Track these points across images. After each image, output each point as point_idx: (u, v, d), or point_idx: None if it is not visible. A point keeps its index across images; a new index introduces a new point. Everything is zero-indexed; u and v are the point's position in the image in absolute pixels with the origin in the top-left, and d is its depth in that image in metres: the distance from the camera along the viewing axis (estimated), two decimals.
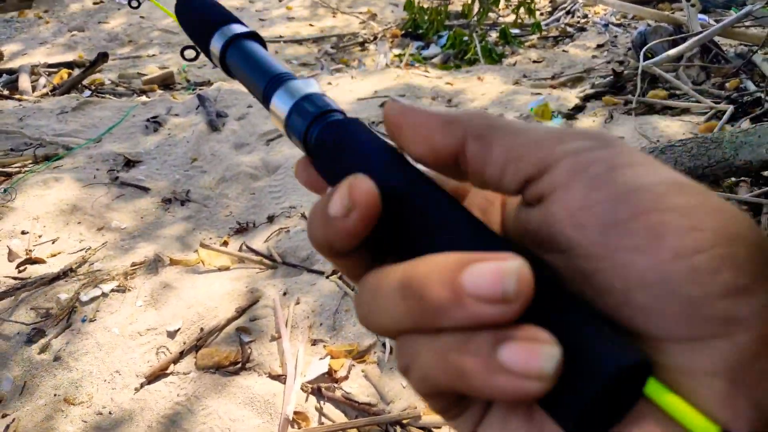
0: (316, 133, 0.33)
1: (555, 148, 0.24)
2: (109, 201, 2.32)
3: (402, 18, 4.94)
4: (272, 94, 0.36)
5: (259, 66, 0.39)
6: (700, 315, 0.20)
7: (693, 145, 1.87)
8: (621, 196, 0.22)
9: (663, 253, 0.20)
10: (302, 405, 1.41)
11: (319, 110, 0.33)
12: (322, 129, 0.32)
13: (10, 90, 3.52)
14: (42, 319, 1.69)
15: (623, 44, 3.81)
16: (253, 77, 0.38)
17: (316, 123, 0.33)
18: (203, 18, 0.42)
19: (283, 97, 0.35)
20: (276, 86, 0.36)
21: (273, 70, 0.38)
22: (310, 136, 0.33)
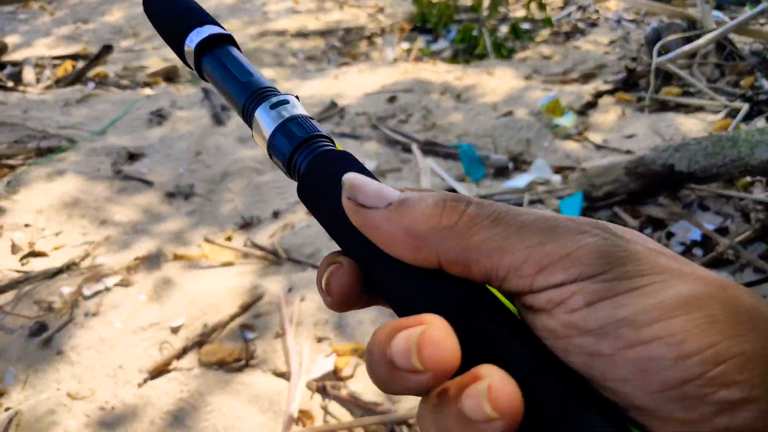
0: (306, 161, 0.32)
1: (537, 278, 0.24)
2: (112, 194, 2.29)
3: (410, 12, 4.90)
4: (255, 109, 0.35)
5: (240, 75, 0.37)
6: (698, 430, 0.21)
7: (708, 143, 1.83)
8: (605, 329, 0.22)
9: (651, 386, 0.21)
10: (307, 403, 1.38)
11: (307, 134, 0.33)
12: (313, 158, 0.32)
13: (15, 82, 3.50)
14: (45, 313, 1.67)
15: (636, 40, 3.76)
16: (232, 87, 0.36)
17: (303, 148, 0.32)
18: (176, 16, 0.40)
19: (268, 114, 0.34)
20: (259, 101, 0.35)
21: (256, 83, 0.36)
22: (295, 162, 0.33)
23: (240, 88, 0.36)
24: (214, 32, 0.38)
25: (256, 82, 0.36)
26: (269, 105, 0.34)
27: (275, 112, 0.34)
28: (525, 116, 2.71)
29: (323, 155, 0.32)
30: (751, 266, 1.67)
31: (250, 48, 4.28)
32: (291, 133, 0.33)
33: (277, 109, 0.34)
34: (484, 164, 2.40)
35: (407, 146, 2.57)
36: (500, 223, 0.25)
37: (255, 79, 0.37)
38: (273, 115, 0.34)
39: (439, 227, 0.25)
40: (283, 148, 0.33)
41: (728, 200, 1.96)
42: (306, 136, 0.33)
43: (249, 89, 0.36)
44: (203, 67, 0.39)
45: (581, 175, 2.03)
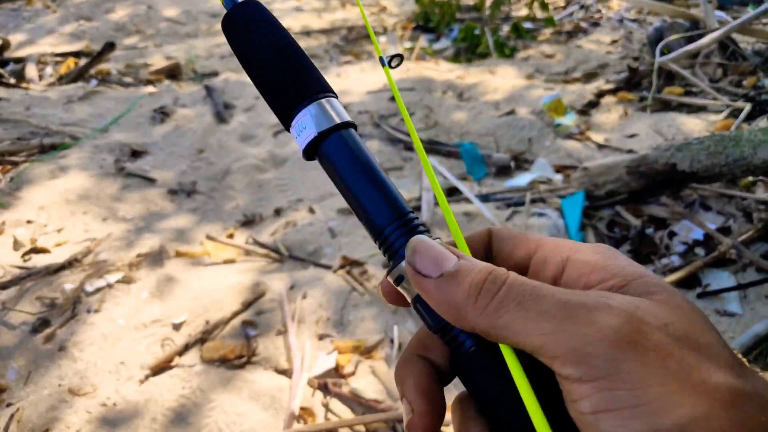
0: (463, 349, 0.32)
1: (554, 364, 0.26)
2: (115, 191, 2.30)
3: (413, 11, 4.90)
4: (401, 246, 0.33)
5: (382, 190, 0.34)
6: None
7: (710, 143, 1.83)
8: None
9: None
10: (308, 400, 1.39)
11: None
12: (466, 359, 0.32)
13: (17, 79, 3.50)
14: (47, 309, 1.67)
15: (638, 40, 3.75)
16: (369, 201, 0.34)
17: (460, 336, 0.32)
18: (292, 73, 0.37)
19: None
20: (404, 232, 0.33)
21: (400, 206, 0.34)
22: (452, 338, 0.32)
23: (380, 205, 0.34)
24: (346, 117, 0.36)
25: (401, 206, 0.34)
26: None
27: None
28: (527, 115, 2.71)
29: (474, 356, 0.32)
30: (754, 266, 1.67)
31: None
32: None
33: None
34: (485, 163, 2.40)
35: (409, 145, 2.57)
36: (523, 307, 0.27)
37: (399, 202, 0.34)
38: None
39: (474, 306, 0.28)
40: (434, 317, 0.32)
41: (730, 200, 1.96)
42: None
43: (392, 212, 0.34)
44: (324, 154, 0.36)
45: (583, 174, 2.03)
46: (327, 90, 0.37)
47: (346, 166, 0.35)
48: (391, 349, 1.52)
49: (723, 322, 1.55)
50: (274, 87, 0.37)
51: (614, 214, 1.95)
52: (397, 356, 1.50)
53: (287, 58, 0.37)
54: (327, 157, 0.35)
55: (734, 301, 1.59)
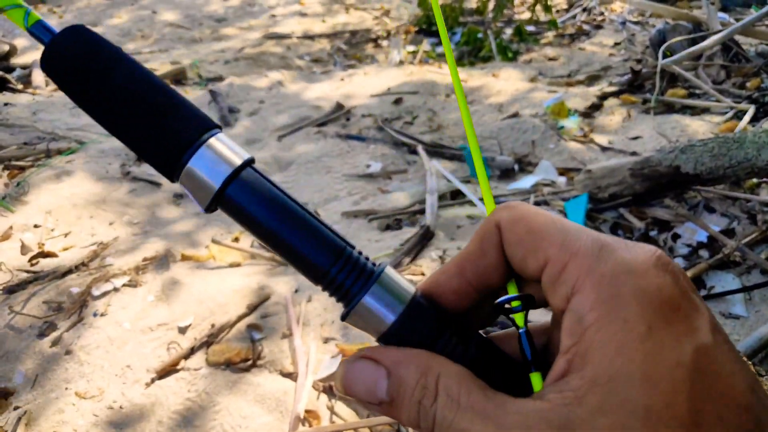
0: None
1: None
2: (121, 196, 2.31)
3: (416, 14, 4.91)
4: (361, 290, 0.31)
5: (314, 230, 0.31)
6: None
7: (714, 144, 1.83)
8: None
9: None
10: (313, 403, 1.39)
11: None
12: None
13: (24, 84, 3.53)
14: (54, 313, 1.68)
15: (641, 42, 3.76)
16: (304, 245, 0.30)
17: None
18: (162, 116, 0.30)
19: (385, 301, 0.31)
20: (351, 269, 0.31)
21: (337, 242, 0.31)
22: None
23: (317, 246, 0.30)
24: (245, 156, 0.31)
25: (332, 237, 0.31)
26: (384, 288, 0.31)
27: (392, 298, 0.31)
28: (530, 118, 2.72)
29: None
30: (758, 268, 1.67)
31: (257, 50, 4.30)
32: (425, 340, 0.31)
33: (394, 293, 0.31)
34: (489, 166, 2.40)
35: (413, 148, 2.58)
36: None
37: (327, 232, 0.31)
38: (390, 303, 0.31)
39: (422, 427, 0.30)
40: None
41: (734, 202, 1.96)
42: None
43: (332, 249, 0.31)
44: (232, 202, 0.30)
45: (586, 177, 2.03)
46: (208, 126, 0.31)
47: (263, 212, 0.30)
48: None
49: (728, 325, 1.55)
50: (143, 143, 0.30)
51: (618, 216, 1.95)
52: None
53: (156, 97, 0.31)
54: (237, 206, 0.30)
55: (739, 304, 1.59)
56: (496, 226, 0.32)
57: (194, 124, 0.30)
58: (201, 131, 0.30)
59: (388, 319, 0.31)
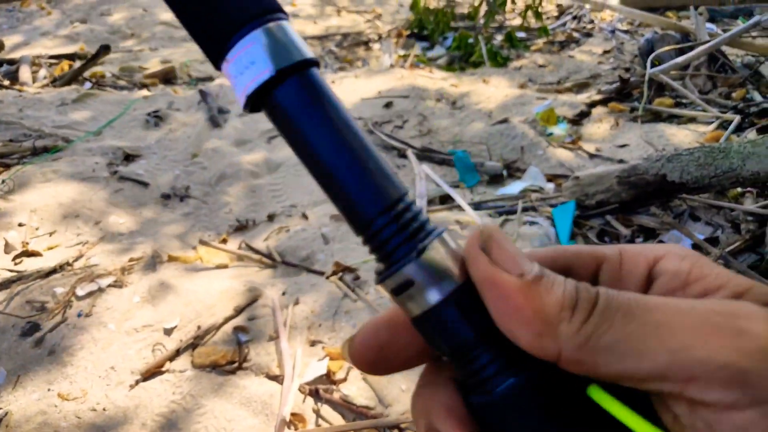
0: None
1: (687, 388, 0.21)
2: (108, 195, 2.29)
3: (407, 18, 4.93)
4: (407, 255, 0.25)
5: (368, 163, 0.25)
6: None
7: (700, 154, 1.85)
8: None
9: None
10: (299, 406, 1.39)
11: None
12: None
13: (11, 80, 3.49)
14: (37, 313, 1.66)
15: (630, 51, 3.79)
16: (351, 179, 0.25)
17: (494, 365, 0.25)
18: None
19: (433, 274, 0.25)
20: (402, 227, 0.25)
21: (394, 186, 0.25)
22: (480, 367, 0.25)
23: (366, 186, 0.25)
24: (306, 55, 0.25)
25: (392, 178, 0.25)
26: (432, 255, 0.25)
27: (441, 274, 0.25)
28: (519, 124, 2.73)
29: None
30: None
31: None
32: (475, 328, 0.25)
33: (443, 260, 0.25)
34: (478, 171, 2.41)
35: (403, 152, 2.59)
36: (633, 319, 0.22)
37: (387, 170, 0.25)
38: (441, 280, 0.25)
39: (570, 322, 0.22)
40: (454, 340, 0.25)
41: (719, 211, 1.98)
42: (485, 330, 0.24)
43: (384, 194, 0.25)
44: (279, 104, 0.25)
45: (574, 184, 2.04)
46: (278, 8, 0.26)
47: (315, 126, 0.25)
48: None
49: None
50: (194, 15, 0.25)
51: (605, 223, 1.97)
52: None
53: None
54: (284, 111, 0.25)
55: None
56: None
57: (248, 6, 0.25)
58: (259, 13, 0.25)
59: (432, 299, 0.25)
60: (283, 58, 0.24)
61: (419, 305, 0.25)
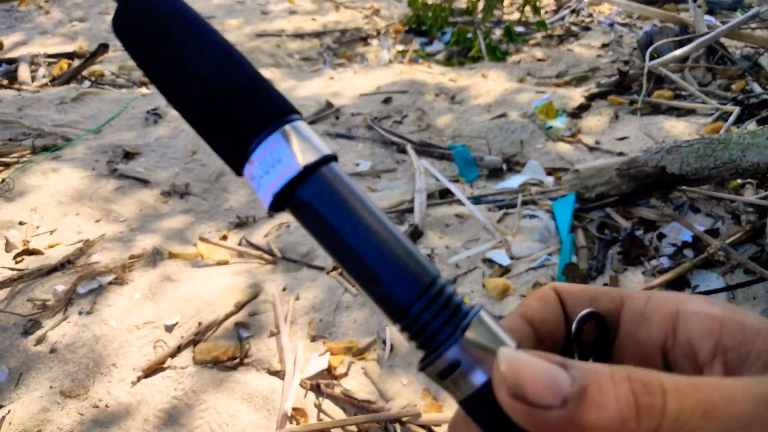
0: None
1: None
2: (108, 193, 2.30)
3: (406, 14, 4.92)
4: (449, 338, 0.24)
5: (399, 251, 0.25)
6: None
7: (700, 145, 1.85)
8: None
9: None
10: (301, 401, 1.39)
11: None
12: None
13: (10, 80, 3.49)
14: (39, 311, 1.67)
15: (628, 44, 3.79)
16: (385, 268, 0.25)
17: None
18: (241, 90, 0.26)
19: (475, 355, 0.24)
20: (440, 308, 0.25)
21: (425, 270, 0.25)
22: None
23: (401, 274, 0.25)
24: (325, 152, 0.26)
25: (422, 262, 0.25)
26: (473, 335, 0.24)
27: (480, 352, 0.24)
28: (518, 118, 2.73)
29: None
30: (742, 268, 1.69)
31: (247, 48, 4.28)
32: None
33: (486, 338, 0.24)
34: (477, 165, 2.41)
35: (402, 147, 2.58)
36: (713, 416, 0.20)
37: (418, 255, 0.25)
38: (479, 359, 0.24)
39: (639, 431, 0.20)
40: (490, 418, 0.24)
41: (719, 202, 1.98)
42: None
43: (418, 279, 0.25)
44: (305, 202, 0.25)
45: (574, 177, 2.04)
46: (294, 110, 0.27)
47: (343, 220, 0.25)
48: (383, 351, 1.53)
49: None
50: (217, 114, 0.26)
51: (605, 216, 1.97)
52: (389, 358, 1.50)
53: (236, 67, 0.27)
54: (311, 206, 0.25)
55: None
56: (553, 288, 0.29)
57: (268, 109, 0.26)
58: (279, 114, 0.26)
59: (478, 380, 0.24)
60: (307, 155, 0.25)
61: (467, 387, 0.25)
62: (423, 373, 0.25)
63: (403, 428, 1.31)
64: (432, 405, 1.38)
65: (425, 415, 1.33)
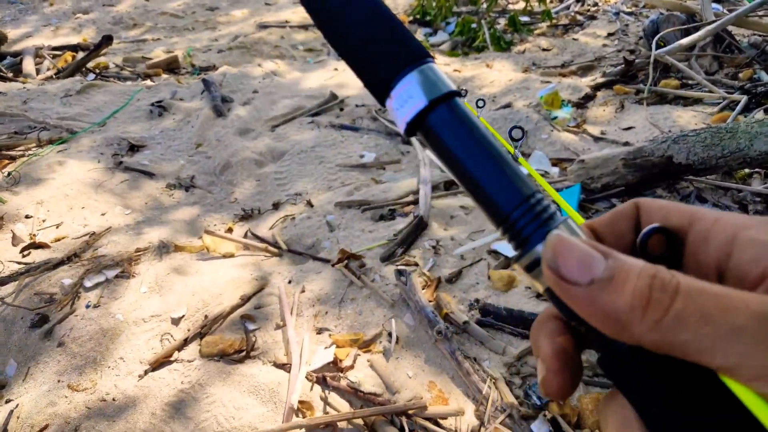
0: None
1: (757, 384, 0.23)
2: (114, 186, 2.30)
3: (410, 4, 4.89)
4: (536, 234, 0.29)
5: (505, 168, 0.30)
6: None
7: (707, 135, 1.83)
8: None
9: None
10: (307, 394, 1.40)
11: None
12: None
13: (15, 73, 3.49)
14: (46, 305, 1.68)
15: (634, 33, 3.75)
16: (491, 181, 0.30)
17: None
18: (387, 37, 0.33)
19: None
20: (533, 216, 0.29)
21: (526, 185, 0.30)
22: (600, 335, 0.27)
23: (504, 186, 0.30)
24: (450, 87, 0.32)
25: (524, 179, 0.30)
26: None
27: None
28: (524, 108, 2.71)
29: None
30: None
31: (251, 39, 4.27)
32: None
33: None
34: None
35: (407, 138, 2.57)
36: (709, 321, 0.23)
37: (519, 173, 0.30)
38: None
39: (643, 321, 0.24)
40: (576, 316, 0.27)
41: (726, 192, 1.97)
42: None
43: (518, 192, 0.30)
44: (431, 128, 0.31)
45: (579, 167, 2.03)
46: (427, 54, 0.33)
47: (460, 142, 0.31)
48: (389, 343, 1.53)
49: None
50: (368, 55, 0.33)
51: (610, 206, 1.96)
52: (395, 350, 1.50)
53: (379, 20, 0.33)
54: (436, 132, 0.31)
55: None
56: (635, 203, 0.32)
57: (408, 50, 0.32)
58: (413, 58, 0.32)
59: None
60: (433, 91, 0.31)
61: (543, 281, 0.29)
62: (516, 264, 0.31)
63: (409, 421, 1.32)
64: (438, 397, 1.38)
65: (431, 408, 1.34)
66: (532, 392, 1.36)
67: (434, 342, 1.49)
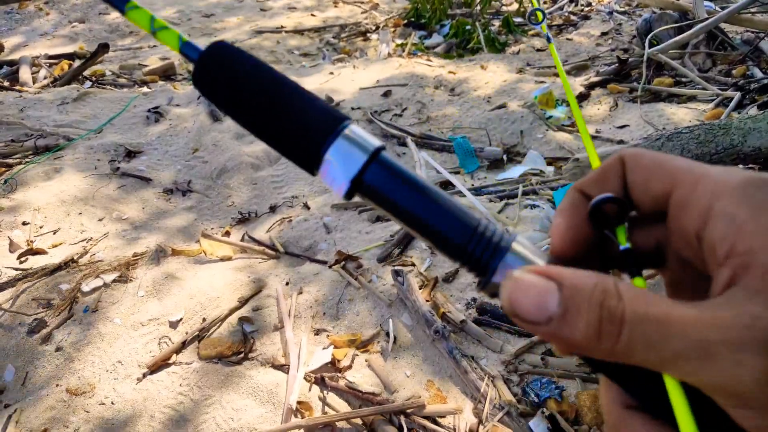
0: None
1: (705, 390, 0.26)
2: (111, 192, 2.30)
3: (404, 7, 4.90)
4: (489, 260, 0.31)
5: (448, 207, 0.31)
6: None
7: (701, 131, 1.84)
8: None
9: None
10: (305, 395, 1.40)
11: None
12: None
13: (11, 81, 3.50)
14: (43, 310, 1.68)
15: (628, 32, 3.77)
16: (439, 222, 0.31)
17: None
18: (301, 112, 0.33)
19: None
20: (487, 244, 0.31)
21: (470, 217, 0.31)
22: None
23: (452, 223, 0.31)
24: (375, 144, 0.32)
25: (467, 212, 0.32)
26: (514, 255, 0.31)
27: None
28: (518, 108, 2.72)
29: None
30: None
31: (247, 45, 4.28)
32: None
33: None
34: (478, 156, 2.41)
35: (402, 140, 2.58)
36: (654, 349, 0.25)
37: (462, 207, 0.32)
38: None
39: (599, 348, 0.26)
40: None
41: None
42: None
43: (466, 225, 0.31)
44: (369, 185, 0.32)
45: (574, 166, 2.04)
46: (341, 117, 0.33)
47: (399, 193, 0.32)
48: (386, 343, 1.53)
49: None
50: (287, 136, 0.33)
51: None
52: (393, 350, 1.51)
53: (291, 98, 0.34)
54: (375, 189, 0.32)
55: None
56: (620, 158, 0.32)
57: (327, 119, 0.33)
58: (334, 125, 0.33)
59: None
60: (359, 156, 0.32)
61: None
62: (483, 291, 0.32)
63: (407, 420, 1.32)
64: (436, 396, 1.38)
65: (430, 407, 1.34)
66: (530, 390, 1.37)
67: (432, 341, 1.50)
